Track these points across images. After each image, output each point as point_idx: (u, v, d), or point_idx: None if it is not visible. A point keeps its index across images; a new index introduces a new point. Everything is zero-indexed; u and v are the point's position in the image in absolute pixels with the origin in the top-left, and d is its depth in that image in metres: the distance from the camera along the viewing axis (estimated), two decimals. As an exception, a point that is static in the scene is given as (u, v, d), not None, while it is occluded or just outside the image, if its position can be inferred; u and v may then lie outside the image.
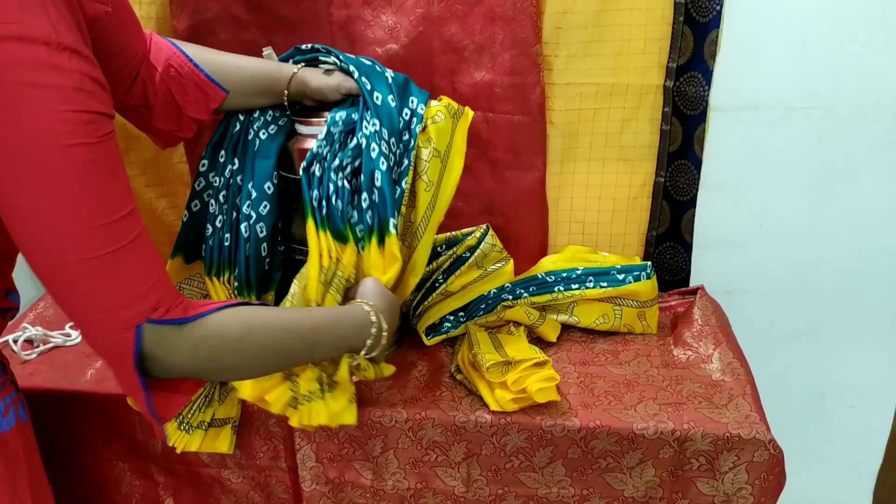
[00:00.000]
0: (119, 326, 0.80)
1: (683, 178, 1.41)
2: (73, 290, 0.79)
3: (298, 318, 0.96)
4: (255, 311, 0.91)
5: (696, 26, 1.31)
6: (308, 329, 0.95)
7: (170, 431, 1.14)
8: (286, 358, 0.96)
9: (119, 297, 0.80)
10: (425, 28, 1.33)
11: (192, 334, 0.84)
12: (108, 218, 0.78)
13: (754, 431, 1.09)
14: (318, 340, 0.97)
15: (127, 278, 0.80)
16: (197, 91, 1.13)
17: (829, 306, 1.53)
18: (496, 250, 1.39)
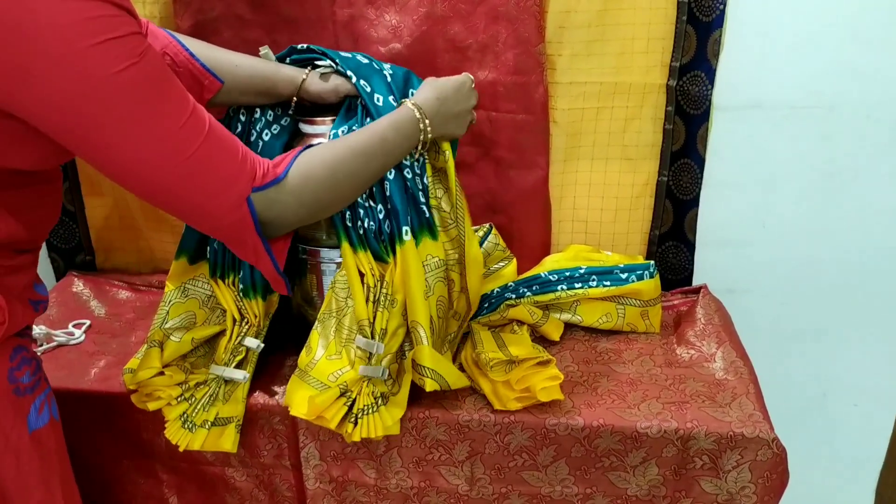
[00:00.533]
0: (234, 204, 0.91)
1: (686, 177, 1.41)
2: (185, 191, 0.88)
3: (365, 138, 1.05)
4: (330, 146, 1.02)
5: (700, 25, 1.31)
6: (380, 141, 1.05)
7: (172, 430, 1.14)
8: (374, 171, 1.06)
9: (224, 178, 0.89)
10: (428, 27, 1.33)
11: (293, 186, 0.95)
12: (184, 116, 0.84)
13: (757, 430, 1.09)
14: (389, 149, 1.06)
15: (222, 160, 0.89)
16: (191, 79, 1.14)
17: (832, 305, 1.53)
18: (499, 249, 1.39)
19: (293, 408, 1.11)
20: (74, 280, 1.54)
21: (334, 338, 1.15)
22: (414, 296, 1.09)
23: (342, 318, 1.15)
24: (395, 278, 1.11)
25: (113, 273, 1.59)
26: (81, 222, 1.56)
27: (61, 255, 1.60)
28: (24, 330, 0.98)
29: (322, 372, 1.12)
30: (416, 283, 1.09)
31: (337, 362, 1.13)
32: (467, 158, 1.42)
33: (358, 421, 1.09)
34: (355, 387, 1.10)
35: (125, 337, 1.37)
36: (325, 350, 1.15)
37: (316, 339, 1.16)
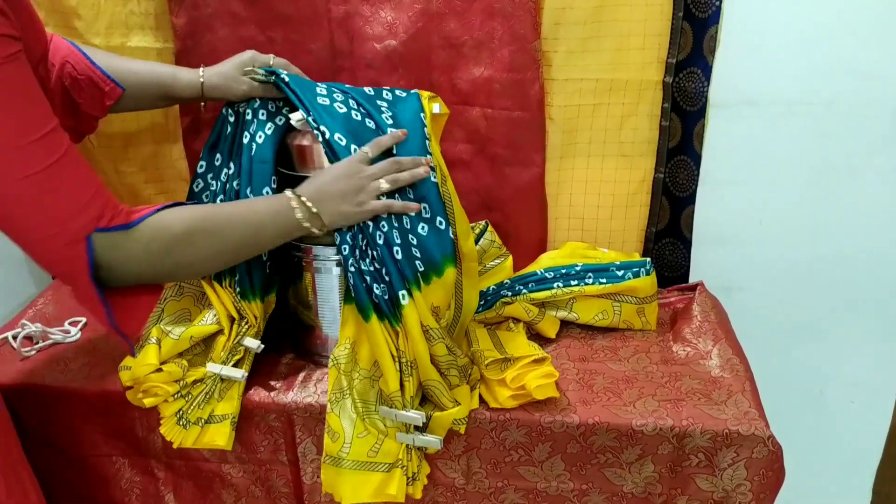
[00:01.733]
0: (70, 239, 0.84)
1: (683, 174, 1.41)
2: (18, 211, 0.82)
3: (232, 206, 1.02)
4: (194, 207, 0.97)
5: (696, 22, 1.30)
6: (246, 213, 1.01)
7: (167, 427, 1.15)
8: (235, 246, 1.00)
9: (64, 209, 0.84)
10: (424, 24, 1.33)
11: (142, 235, 0.89)
12: (33, 135, 0.80)
13: (753, 428, 1.09)
14: (257, 222, 1.02)
15: (68, 191, 0.84)
16: (92, 87, 1.15)
17: (829, 302, 1.53)
18: (495, 246, 1.39)
19: (345, 498, 1.12)
20: (70, 277, 1.54)
21: (356, 416, 1.14)
22: (422, 357, 1.10)
23: (353, 393, 1.15)
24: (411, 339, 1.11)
25: (109, 270, 1.58)
26: (77, 220, 1.56)
27: (57, 252, 1.59)
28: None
29: (360, 452, 1.12)
30: (421, 345, 1.10)
31: (369, 438, 1.13)
32: (463, 156, 1.42)
33: (416, 481, 1.13)
34: (404, 455, 1.12)
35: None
36: (353, 429, 1.13)
37: (337, 422, 1.14)
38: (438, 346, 1.10)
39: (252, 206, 1.04)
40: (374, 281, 1.10)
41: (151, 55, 1.38)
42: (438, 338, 1.10)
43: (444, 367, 1.12)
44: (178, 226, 0.93)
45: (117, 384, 1.22)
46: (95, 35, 1.34)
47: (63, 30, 1.33)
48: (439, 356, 1.11)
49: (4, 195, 0.81)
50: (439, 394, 1.11)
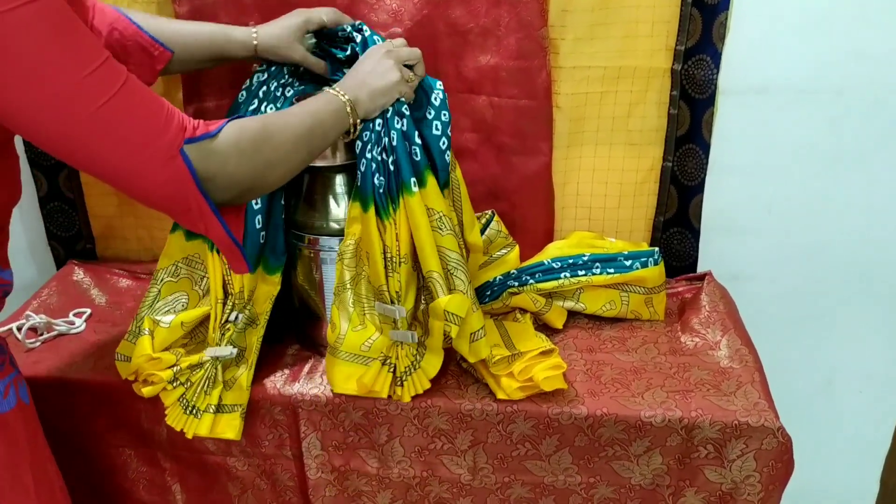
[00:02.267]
0: (165, 157, 0.83)
1: (691, 162, 1.40)
2: (103, 147, 0.80)
3: (302, 105, 1.03)
4: (259, 116, 0.98)
5: (705, 8, 1.28)
6: (300, 109, 1.02)
7: (174, 416, 1.14)
8: (305, 134, 1.00)
9: (147, 131, 0.82)
10: (429, 11, 1.31)
11: (228, 138, 0.89)
12: (91, 65, 0.78)
13: (763, 419, 1.09)
14: (322, 120, 1.02)
15: (143, 113, 0.82)
16: (141, 53, 1.14)
17: (837, 292, 1.52)
18: (501, 236, 1.38)
19: (337, 386, 1.13)
20: (75, 268, 1.53)
21: (354, 309, 1.15)
22: (425, 246, 1.10)
23: (357, 288, 1.15)
24: (400, 235, 1.10)
25: (113, 261, 1.58)
26: (81, 210, 1.55)
27: (61, 243, 1.59)
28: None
29: (352, 344, 1.13)
30: (425, 234, 1.10)
31: (363, 332, 1.14)
32: (469, 144, 1.40)
33: (404, 383, 1.12)
34: (391, 352, 1.12)
35: (126, 326, 1.35)
36: (348, 323, 1.15)
37: (336, 314, 1.15)
38: (448, 237, 1.11)
39: (303, 104, 1.04)
40: (377, 171, 1.10)
41: (154, 44, 1.37)
42: (448, 229, 1.11)
43: (452, 266, 1.11)
44: (254, 124, 0.93)
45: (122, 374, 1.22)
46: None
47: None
48: (447, 249, 1.11)
49: (82, 135, 0.79)
50: (439, 287, 1.10)
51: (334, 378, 1.14)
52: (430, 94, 1.17)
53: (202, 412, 1.13)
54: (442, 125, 1.15)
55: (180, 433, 1.21)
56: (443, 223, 1.11)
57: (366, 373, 1.11)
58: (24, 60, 0.74)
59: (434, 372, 1.13)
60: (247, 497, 1.26)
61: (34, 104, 0.76)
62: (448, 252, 1.11)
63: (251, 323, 1.18)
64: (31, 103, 0.76)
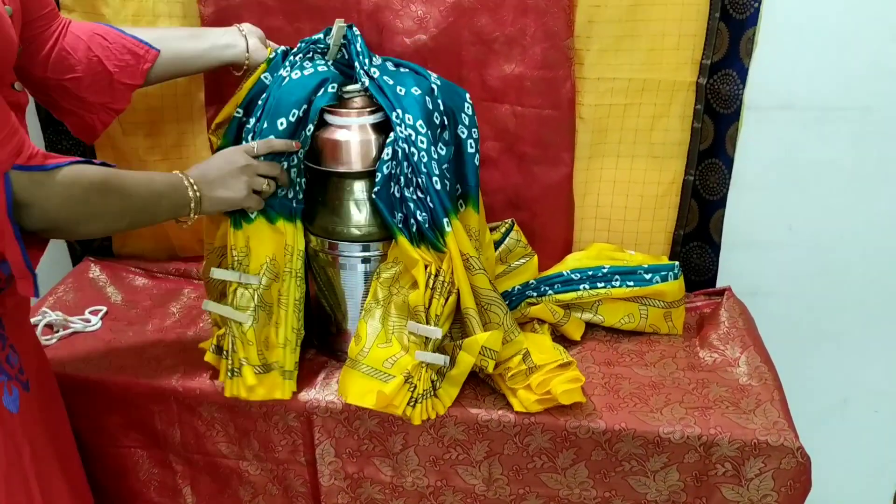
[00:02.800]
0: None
1: (714, 177, 1.39)
2: None
3: (136, 173, 1.04)
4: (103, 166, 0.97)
5: (733, 23, 1.28)
6: (148, 181, 1.03)
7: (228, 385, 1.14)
8: (139, 207, 1.02)
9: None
10: (455, 19, 1.31)
11: (63, 178, 0.89)
12: None
13: (782, 438, 1.08)
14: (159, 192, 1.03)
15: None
16: (127, 54, 1.16)
17: (855, 310, 1.51)
18: (521, 246, 1.37)
19: (351, 398, 1.12)
20: (91, 265, 1.53)
21: (382, 326, 1.15)
22: (461, 284, 1.12)
23: (388, 307, 1.15)
24: (453, 266, 1.12)
25: (129, 259, 1.57)
26: (99, 207, 1.55)
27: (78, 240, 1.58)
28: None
29: (376, 360, 1.13)
30: (461, 273, 1.11)
31: (389, 349, 1.14)
32: (491, 153, 1.39)
33: (417, 405, 1.10)
34: (416, 372, 1.11)
35: (141, 325, 1.36)
36: (375, 338, 1.15)
37: (364, 328, 1.15)
38: (479, 276, 1.13)
39: (152, 176, 1.05)
40: (416, 209, 1.12)
41: (178, 44, 1.37)
42: (478, 268, 1.13)
43: (485, 302, 1.13)
44: (97, 176, 0.94)
45: (137, 375, 1.22)
46: (122, 22, 1.33)
47: (90, 16, 1.32)
48: (480, 288, 1.13)
49: None
50: (475, 323, 1.12)
51: (349, 389, 1.13)
52: (459, 111, 1.17)
53: (238, 370, 1.13)
54: (474, 142, 1.17)
55: (194, 436, 1.22)
56: (470, 265, 1.12)
57: (387, 385, 1.10)
58: None
59: (450, 402, 1.14)
60: (257, 502, 1.26)
61: None
62: (480, 290, 1.14)
63: (275, 278, 1.16)
64: None
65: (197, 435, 1.22)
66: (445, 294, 1.12)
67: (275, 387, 1.14)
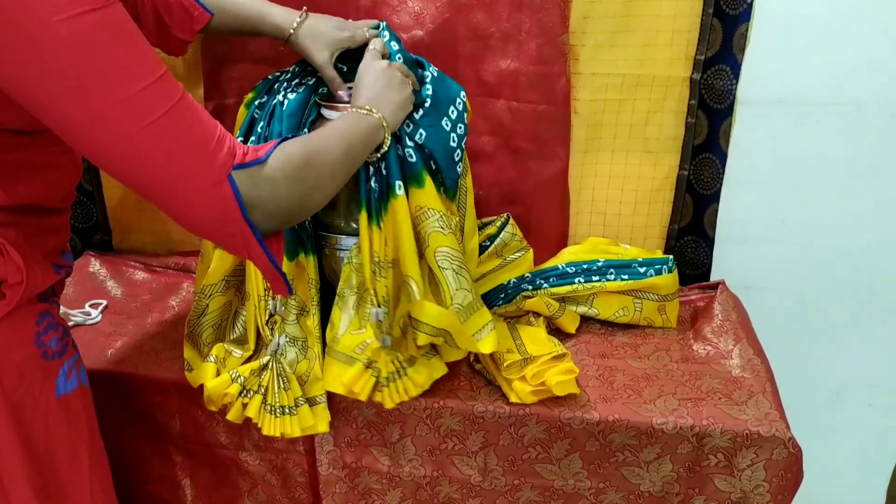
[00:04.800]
0: (212, 182, 0.80)
1: (708, 171, 1.40)
2: (151, 166, 0.78)
3: (321, 130, 1.01)
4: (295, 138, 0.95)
5: (726, 19, 1.29)
6: (334, 130, 1.00)
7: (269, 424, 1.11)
8: (342, 158, 0.98)
9: (197, 153, 0.80)
10: (451, 15, 1.32)
11: (275, 164, 0.86)
12: (146, 80, 0.76)
13: (774, 429, 1.09)
14: (355, 141, 1.01)
15: (195, 133, 0.80)
16: (182, 11, 1.17)
17: (848, 304, 1.52)
18: (516, 240, 1.38)
19: (327, 384, 1.12)
20: (91, 260, 1.54)
21: (356, 312, 1.14)
22: (405, 251, 1.09)
23: (362, 293, 1.14)
24: (387, 238, 1.10)
25: (129, 254, 1.59)
26: (98, 202, 1.56)
27: (78, 234, 1.60)
28: (50, 296, 0.98)
29: (347, 346, 1.12)
30: (407, 238, 1.09)
31: (360, 336, 1.12)
32: (486, 148, 1.41)
33: (383, 388, 1.10)
34: (377, 356, 1.10)
35: (141, 318, 1.38)
36: (348, 324, 1.14)
37: (338, 314, 1.14)
38: (450, 237, 1.10)
39: (335, 125, 1.03)
40: (374, 175, 1.10)
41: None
42: (451, 229, 1.10)
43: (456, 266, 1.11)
44: (296, 149, 0.90)
45: (137, 368, 1.23)
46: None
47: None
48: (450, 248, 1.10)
49: (131, 151, 0.77)
50: (413, 292, 1.09)
51: (325, 376, 1.12)
52: (450, 103, 1.17)
53: (294, 408, 1.11)
54: (458, 137, 1.16)
55: (194, 427, 1.23)
56: (444, 222, 1.10)
57: (345, 370, 1.10)
58: (80, 69, 0.72)
59: (423, 380, 1.12)
60: (257, 492, 1.27)
61: (85, 114, 0.75)
62: (451, 252, 1.11)
63: (302, 311, 1.16)
64: (83, 113, 0.75)
65: (196, 426, 1.24)
66: (381, 273, 1.10)
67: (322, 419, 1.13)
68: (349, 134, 1.01)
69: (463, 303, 1.11)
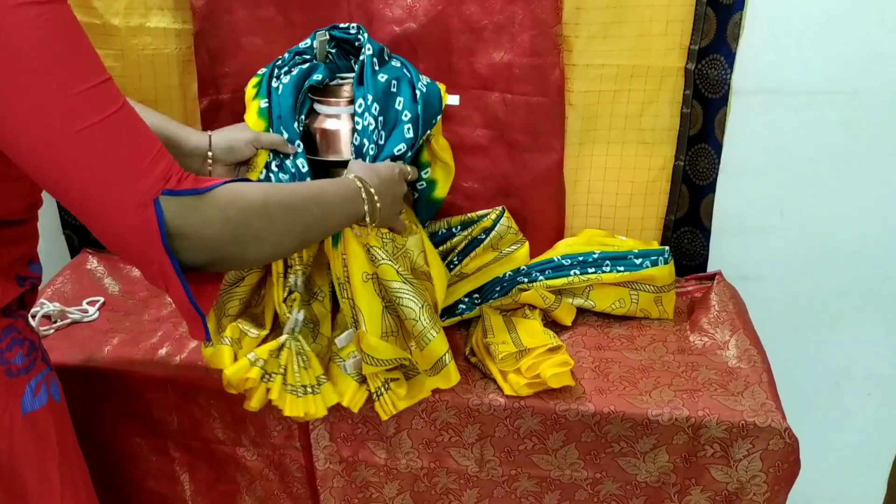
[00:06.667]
0: (136, 203, 0.75)
1: (703, 162, 1.40)
2: (76, 174, 0.73)
3: (305, 185, 0.98)
4: (263, 183, 0.91)
5: (720, 8, 1.28)
6: (317, 192, 0.96)
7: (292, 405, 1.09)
8: (307, 225, 0.93)
9: (126, 169, 0.75)
10: (444, 7, 1.32)
11: (219, 200, 0.81)
12: (84, 83, 0.72)
13: (770, 420, 1.09)
14: (327, 203, 0.96)
15: (128, 148, 0.75)
16: None
17: (847, 294, 1.52)
18: (512, 232, 1.38)
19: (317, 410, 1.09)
20: (89, 257, 1.54)
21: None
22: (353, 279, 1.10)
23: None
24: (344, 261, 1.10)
25: (127, 251, 1.59)
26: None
27: (76, 231, 1.60)
28: (16, 309, 0.95)
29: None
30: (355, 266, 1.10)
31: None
32: (481, 141, 1.41)
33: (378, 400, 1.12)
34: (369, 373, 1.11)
35: (138, 315, 1.38)
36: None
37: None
38: (384, 267, 1.09)
39: (322, 187, 0.98)
40: None
41: (170, 36, 1.37)
42: (384, 258, 1.09)
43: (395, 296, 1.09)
44: (256, 194, 0.85)
45: (134, 364, 1.23)
46: (114, 15, 1.34)
47: (82, 10, 1.33)
48: (387, 280, 1.09)
49: (58, 155, 0.72)
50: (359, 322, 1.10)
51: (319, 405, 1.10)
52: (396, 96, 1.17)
53: (317, 386, 1.09)
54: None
55: (191, 423, 1.23)
56: (375, 254, 1.09)
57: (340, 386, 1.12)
58: (19, 59, 0.69)
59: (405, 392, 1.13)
60: (255, 487, 1.27)
61: (17, 109, 0.71)
62: (389, 282, 1.10)
63: (313, 296, 1.16)
64: (15, 108, 0.71)
65: (194, 422, 1.24)
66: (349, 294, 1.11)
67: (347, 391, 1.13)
68: (329, 204, 0.97)
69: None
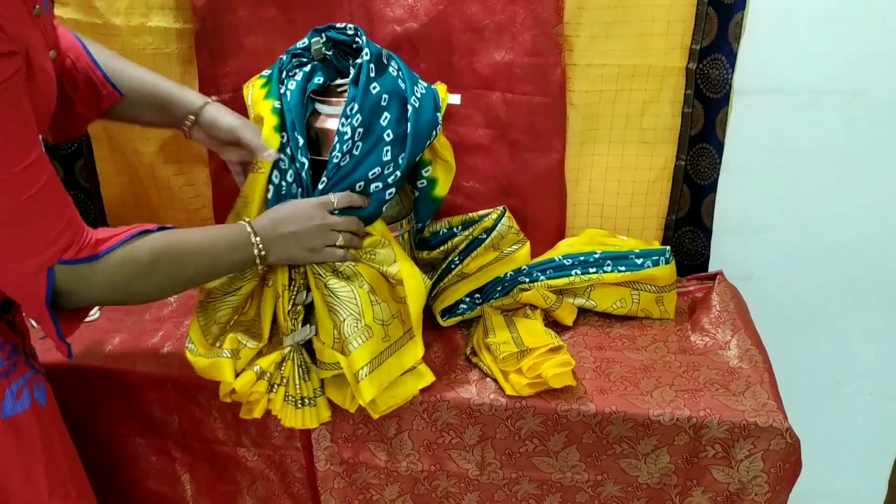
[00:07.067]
0: (33, 270, 0.83)
1: (704, 161, 1.40)
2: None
3: (198, 236, 1.00)
4: (161, 237, 0.94)
5: (721, 8, 1.28)
6: (209, 244, 1.00)
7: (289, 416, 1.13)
8: (193, 276, 1.00)
9: (33, 242, 0.82)
10: (445, 7, 1.32)
11: (106, 266, 0.88)
12: (16, 166, 0.77)
13: (771, 420, 1.09)
14: (217, 254, 1.01)
15: (40, 224, 0.81)
16: (90, 88, 1.10)
17: (849, 294, 1.51)
18: (513, 232, 1.38)
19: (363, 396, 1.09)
20: (89, 257, 1.54)
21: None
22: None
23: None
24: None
25: (127, 250, 1.58)
26: (96, 199, 1.56)
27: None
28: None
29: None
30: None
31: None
32: (482, 140, 1.40)
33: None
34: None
35: (139, 315, 1.38)
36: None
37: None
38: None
39: (215, 238, 1.02)
40: None
41: (171, 35, 1.37)
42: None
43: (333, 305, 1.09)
44: (145, 257, 0.92)
45: (135, 364, 1.23)
46: (115, 15, 1.34)
47: (83, 10, 1.33)
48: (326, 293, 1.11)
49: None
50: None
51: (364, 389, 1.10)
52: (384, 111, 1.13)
53: (313, 399, 1.12)
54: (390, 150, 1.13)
55: (192, 423, 1.23)
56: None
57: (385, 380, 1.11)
58: None
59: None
60: (255, 488, 1.27)
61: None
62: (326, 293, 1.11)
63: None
64: None
65: (195, 422, 1.24)
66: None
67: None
68: (219, 255, 1.01)
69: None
